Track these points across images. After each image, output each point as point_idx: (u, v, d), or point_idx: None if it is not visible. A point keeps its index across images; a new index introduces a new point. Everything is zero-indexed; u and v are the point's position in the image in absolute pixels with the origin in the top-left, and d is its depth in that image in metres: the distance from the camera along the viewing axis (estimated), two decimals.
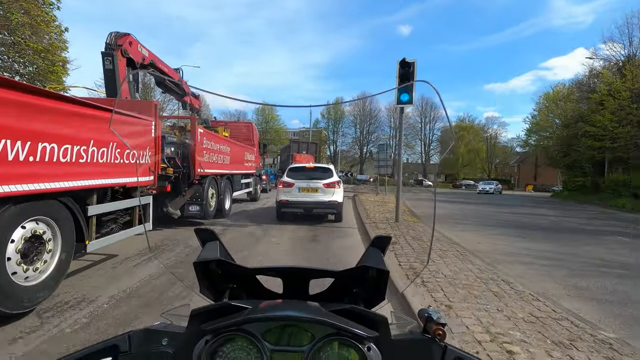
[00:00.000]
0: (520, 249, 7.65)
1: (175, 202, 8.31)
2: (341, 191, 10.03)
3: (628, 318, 4.14)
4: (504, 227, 10.99)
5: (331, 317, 0.78)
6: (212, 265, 0.99)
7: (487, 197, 29.75)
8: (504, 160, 65.82)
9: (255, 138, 16.46)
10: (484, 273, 5.19)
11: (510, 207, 19.61)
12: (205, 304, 0.87)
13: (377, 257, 0.98)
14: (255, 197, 16.09)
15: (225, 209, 10.85)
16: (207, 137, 8.99)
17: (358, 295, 1.01)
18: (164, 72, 9.05)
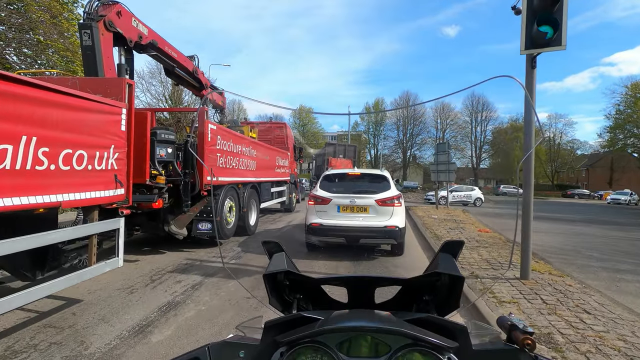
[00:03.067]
0: None
1: (179, 220, 6.43)
2: (403, 211, 6.71)
3: None
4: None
5: (408, 327, 0.75)
6: (280, 276, 0.99)
7: (583, 212, 23.02)
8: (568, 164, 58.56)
9: (290, 141, 14.52)
10: None
11: (636, 229, 14.11)
12: (275, 316, 0.87)
13: (449, 262, 0.93)
14: (289, 207, 14.09)
15: (250, 224, 8.87)
16: (222, 136, 7.04)
17: (429, 303, 0.96)
18: (170, 57, 7.21)
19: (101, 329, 3.56)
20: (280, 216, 13.01)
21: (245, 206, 8.38)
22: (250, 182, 8.94)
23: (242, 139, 8.53)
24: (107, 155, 3.64)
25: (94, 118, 3.49)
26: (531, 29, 4.81)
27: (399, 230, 6.39)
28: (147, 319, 3.81)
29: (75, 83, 3.86)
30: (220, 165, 6.99)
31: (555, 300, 4.43)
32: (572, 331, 3.53)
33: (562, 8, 4.73)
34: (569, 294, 4.68)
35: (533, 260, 6.24)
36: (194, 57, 8.37)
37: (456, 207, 19.38)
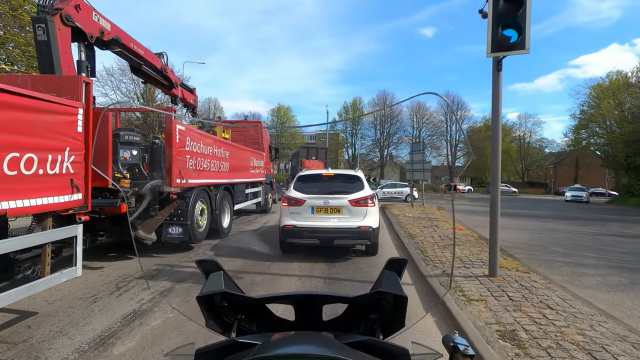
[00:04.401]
0: None
1: (147, 224, 6.20)
2: (376, 210, 6.76)
3: None
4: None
5: (346, 353, 0.72)
6: (217, 297, 0.94)
7: (554, 208, 23.89)
8: (537, 162, 60.97)
9: (265, 141, 14.36)
10: None
11: (601, 224, 14.75)
12: (213, 339, 0.85)
13: (393, 281, 0.91)
14: (265, 208, 13.93)
15: (223, 227, 8.68)
16: (191, 137, 6.84)
17: (375, 322, 0.94)
18: (137, 54, 6.93)
19: (59, 342, 3.36)
20: (256, 217, 12.85)
21: (217, 208, 8.19)
22: (223, 183, 8.75)
23: (214, 140, 8.33)
24: (61, 158, 3.42)
25: (45, 119, 3.25)
26: (497, 32, 4.91)
27: (373, 230, 6.41)
28: (109, 330, 3.64)
29: (26, 81, 3.62)
30: (190, 167, 6.79)
31: (521, 296, 4.55)
32: (535, 327, 3.63)
33: (526, 13, 4.85)
34: (534, 290, 4.83)
35: (501, 257, 6.42)
36: (162, 54, 8.08)
37: (431, 204, 19.75)
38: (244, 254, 7.10)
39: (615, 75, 37.32)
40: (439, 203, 22.32)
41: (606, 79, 38.07)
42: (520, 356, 3.06)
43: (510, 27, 4.80)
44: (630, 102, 32.17)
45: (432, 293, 4.93)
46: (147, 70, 7.58)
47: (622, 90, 33.70)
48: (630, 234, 11.71)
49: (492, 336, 3.42)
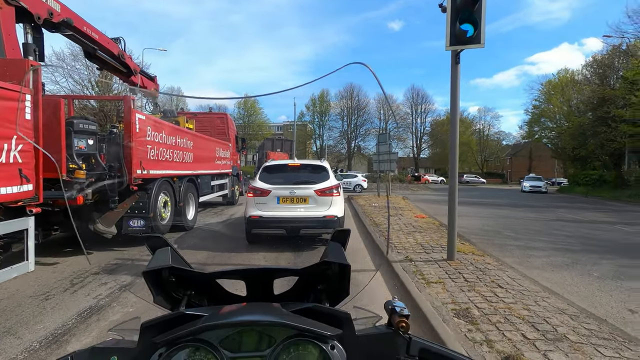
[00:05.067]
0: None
1: (106, 217, 5.96)
2: (341, 200, 6.88)
3: None
4: (603, 252, 7.22)
5: (292, 318, 0.75)
6: (164, 273, 0.91)
7: (511, 197, 24.90)
8: (495, 154, 64.35)
9: (232, 131, 14.09)
10: None
11: (551, 210, 15.63)
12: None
13: (338, 252, 0.95)
14: (232, 200, 13.73)
15: (188, 219, 8.50)
16: (153, 126, 6.62)
17: (323, 291, 0.98)
18: (91, 39, 6.54)
19: (6, 342, 3.19)
20: (222, 209, 12.67)
21: (182, 200, 8.00)
22: (187, 175, 8.55)
23: (177, 130, 8.09)
24: (7, 147, 3.23)
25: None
26: (455, 26, 5.12)
27: (338, 219, 6.53)
28: (63, 327, 3.49)
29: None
30: (152, 158, 6.58)
31: (475, 277, 4.87)
32: (486, 305, 3.91)
33: (481, 8, 5.08)
34: (487, 272, 5.17)
35: (459, 242, 6.79)
36: (119, 39, 7.68)
37: (397, 194, 20.33)
38: (209, 246, 7.01)
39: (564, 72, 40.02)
40: (405, 193, 23.03)
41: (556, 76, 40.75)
42: (472, 331, 3.30)
43: (467, 22, 5.03)
44: (577, 98, 34.64)
45: (396, 278, 5.13)
46: (102, 56, 7.17)
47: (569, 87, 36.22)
48: (575, 219, 12.72)
49: (448, 314, 3.65)
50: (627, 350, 2.99)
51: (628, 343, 3.13)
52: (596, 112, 27.26)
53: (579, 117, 31.37)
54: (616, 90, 25.09)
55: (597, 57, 30.44)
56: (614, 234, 9.65)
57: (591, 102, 29.09)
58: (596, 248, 7.66)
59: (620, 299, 4.57)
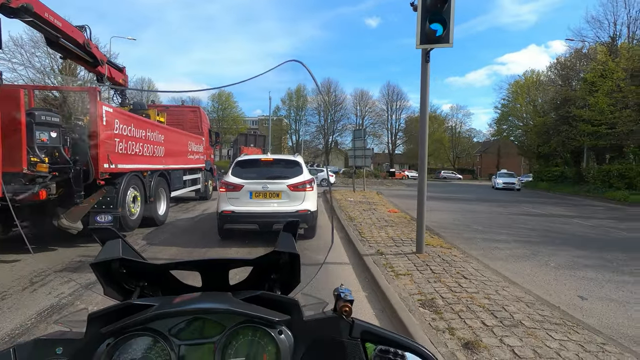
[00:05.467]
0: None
1: (72, 213, 5.75)
2: (314, 195, 6.89)
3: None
4: (561, 244, 7.68)
5: (240, 306, 0.77)
6: (114, 264, 0.92)
7: (480, 192, 25.80)
8: (466, 150, 66.58)
9: (205, 125, 13.84)
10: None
11: (516, 205, 16.36)
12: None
13: (288, 241, 0.97)
14: (205, 195, 13.53)
15: (159, 214, 8.33)
16: (121, 119, 6.42)
17: (276, 281, 0.99)
18: (53, 26, 6.21)
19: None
20: (195, 205, 12.46)
21: (152, 195, 7.82)
22: (158, 169, 8.35)
23: (147, 123, 7.87)
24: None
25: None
26: (425, 25, 5.24)
27: (311, 213, 6.59)
28: (21, 327, 3.35)
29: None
30: (120, 152, 6.38)
31: (442, 269, 5.07)
32: (450, 295, 4.10)
33: (450, 8, 5.22)
34: (453, 263, 5.40)
35: (428, 236, 7.03)
36: (85, 27, 7.31)
37: (372, 190, 20.66)
38: (180, 241, 6.91)
39: (530, 73, 41.91)
40: (379, 189, 23.43)
41: (522, 77, 42.61)
42: (436, 320, 3.46)
43: (436, 22, 5.16)
44: (542, 98, 36.38)
45: (367, 271, 5.25)
46: (66, 44, 6.81)
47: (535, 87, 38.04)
48: (537, 213, 13.42)
49: (414, 305, 3.81)
50: (575, 333, 3.23)
51: (576, 327, 3.38)
52: (559, 111, 28.78)
53: (543, 116, 32.99)
54: (577, 92, 26.56)
55: (561, 60, 32.12)
56: (572, 227, 10.26)
57: (554, 102, 30.64)
58: (555, 240, 8.14)
59: (572, 287, 4.92)
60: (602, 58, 22.83)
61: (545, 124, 31.14)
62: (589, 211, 14.99)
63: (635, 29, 25.32)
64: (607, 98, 21.44)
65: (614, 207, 16.99)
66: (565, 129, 26.58)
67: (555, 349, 2.92)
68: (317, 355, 0.81)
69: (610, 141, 22.82)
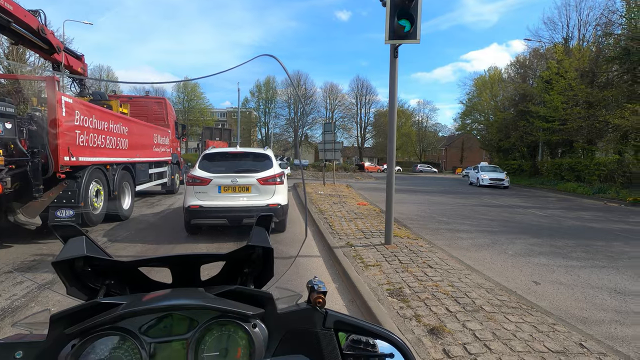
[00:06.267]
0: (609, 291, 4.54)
1: (29, 207, 5.44)
2: (285, 188, 6.89)
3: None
4: (518, 233, 8.17)
5: (213, 301, 0.76)
6: (78, 263, 0.87)
7: (447, 184, 26.83)
8: (432, 144, 68.82)
9: (171, 117, 13.40)
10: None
11: (477, 197, 17.16)
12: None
13: (261, 235, 0.97)
14: (172, 189, 13.15)
15: (123, 209, 8.03)
16: (82, 110, 6.10)
17: (249, 275, 0.99)
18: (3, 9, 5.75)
19: None
20: (161, 199, 12.08)
21: (116, 189, 7.52)
22: (122, 162, 8.02)
23: (110, 114, 7.52)
24: None
25: None
26: (393, 21, 5.31)
27: (282, 207, 6.58)
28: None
29: None
30: (81, 144, 6.08)
31: (409, 259, 5.28)
32: (417, 284, 4.29)
33: (417, 5, 5.32)
34: (420, 254, 5.63)
35: (396, 227, 7.27)
36: (38, 12, 6.85)
37: (342, 183, 20.91)
38: (146, 238, 6.70)
39: (493, 70, 43.81)
40: (349, 182, 23.75)
41: (487, 73, 44.48)
42: (403, 308, 3.62)
43: (404, 18, 5.26)
44: (502, 95, 38.26)
45: (338, 263, 5.37)
46: (18, 29, 6.36)
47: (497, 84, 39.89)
48: (497, 204, 14.19)
49: (383, 294, 3.96)
50: (529, 315, 3.52)
51: (530, 310, 3.68)
52: (517, 107, 30.44)
53: (503, 112, 34.76)
54: (534, 89, 28.19)
55: (520, 58, 33.90)
56: (528, 217, 10.96)
57: (514, 98, 32.36)
58: (513, 229, 8.68)
59: (528, 272, 5.30)
60: (559, 56, 24.30)
61: (504, 119, 32.81)
62: (543, 202, 16.04)
63: (585, 31, 27.17)
64: (561, 96, 22.89)
65: (565, 198, 18.27)
66: (523, 124, 28.13)
67: (512, 330, 3.17)
68: (290, 346, 0.82)
69: (562, 136, 24.36)
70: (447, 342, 2.95)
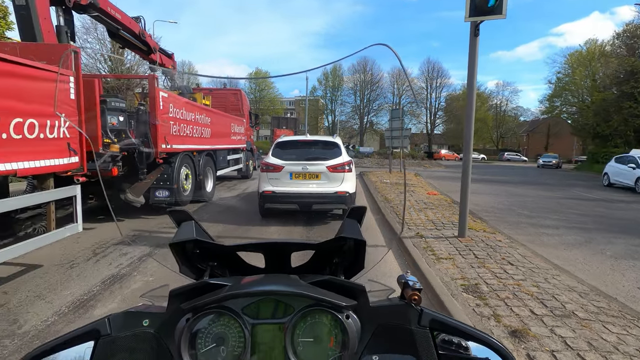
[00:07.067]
0: None
1: (135, 188, 6.35)
2: (353, 176, 6.94)
3: None
4: (617, 232, 7.19)
5: (310, 289, 0.79)
6: (189, 245, 0.97)
7: (528, 174, 24.63)
8: (512, 130, 62.77)
9: (245, 107, 14.17)
10: None
11: (565, 189, 15.48)
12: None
13: (353, 228, 0.98)
14: (246, 174, 14.05)
15: (207, 191, 8.85)
16: (174, 103, 6.82)
17: (338, 265, 1.01)
18: (114, 19, 6.71)
19: (37, 306, 3.41)
20: (236, 183, 12.98)
21: (201, 174, 8.30)
22: (206, 149, 8.81)
23: (195, 106, 8.27)
24: (58, 123, 3.66)
25: (42, 86, 3.46)
26: None
27: (350, 195, 6.63)
28: (89, 293, 3.71)
29: (15, 49, 3.66)
30: (174, 133, 6.84)
31: (486, 254, 4.99)
32: (495, 281, 4.05)
33: None
34: (498, 249, 5.29)
35: (471, 220, 6.88)
36: (139, 18, 7.81)
37: (409, 171, 20.31)
38: (225, 218, 7.29)
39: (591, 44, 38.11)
40: (417, 170, 22.99)
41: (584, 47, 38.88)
42: (480, 306, 3.45)
43: None
44: (602, 72, 33.20)
45: (407, 254, 5.29)
46: (125, 35, 7.36)
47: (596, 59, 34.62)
48: (590, 198, 12.61)
49: (457, 290, 3.82)
50: (636, 327, 3.09)
51: (637, 321, 3.23)
52: (622, 86, 26.18)
53: (603, 91, 30.13)
54: None
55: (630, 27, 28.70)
56: (630, 213, 9.58)
57: (618, 75, 27.79)
58: (611, 227, 7.67)
59: (632, 277, 4.65)
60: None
61: (604, 100, 28.47)
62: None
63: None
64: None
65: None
66: (629, 105, 24.24)
67: (613, 342, 2.83)
68: (384, 341, 0.82)
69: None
70: (532, 347, 2.76)
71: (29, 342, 2.82)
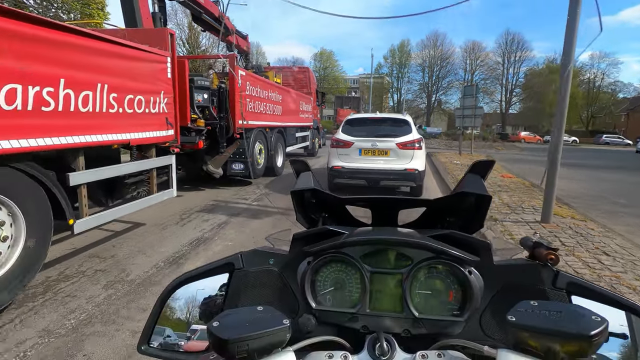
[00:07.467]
0: None
1: (215, 160, 6.92)
2: (423, 154, 6.83)
3: None
4: None
5: (431, 241, 0.77)
6: (307, 194, 1.01)
7: (625, 159, 21.77)
8: (607, 109, 54.66)
9: (313, 86, 14.35)
10: None
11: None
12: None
13: (477, 182, 0.91)
14: (313, 151, 14.39)
15: (277, 166, 9.31)
16: (251, 82, 7.17)
17: (452, 224, 0.97)
18: (198, 3, 7.21)
19: (139, 259, 3.89)
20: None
21: (272, 149, 8.71)
22: (277, 126, 9.18)
23: (268, 84, 8.59)
24: (159, 100, 4.11)
25: (147, 67, 3.92)
26: None
27: (419, 173, 6.52)
28: (179, 252, 4.15)
29: (124, 34, 4.12)
30: (250, 110, 7.22)
31: (575, 242, 4.58)
32: (588, 271, 3.72)
33: None
34: (590, 237, 4.82)
35: (556, 205, 6.30)
36: (218, 1, 8.23)
37: (480, 153, 19.08)
38: None
39: None
40: (488, 152, 21.49)
41: None
42: None
43: None
44: None
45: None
46: (206, 18, 7.86)
47: None
48: None
49: None
50: None
51: None
52: None
53: None
54: None
55: None
56: None
57: None
58: None
59: None
60: None
61: None
62: None
63: None
64: None
65: None
66: None
67: None
68: (510, 300, 0.75)
69: None
70: None
71: (135, 288, 3.28)
